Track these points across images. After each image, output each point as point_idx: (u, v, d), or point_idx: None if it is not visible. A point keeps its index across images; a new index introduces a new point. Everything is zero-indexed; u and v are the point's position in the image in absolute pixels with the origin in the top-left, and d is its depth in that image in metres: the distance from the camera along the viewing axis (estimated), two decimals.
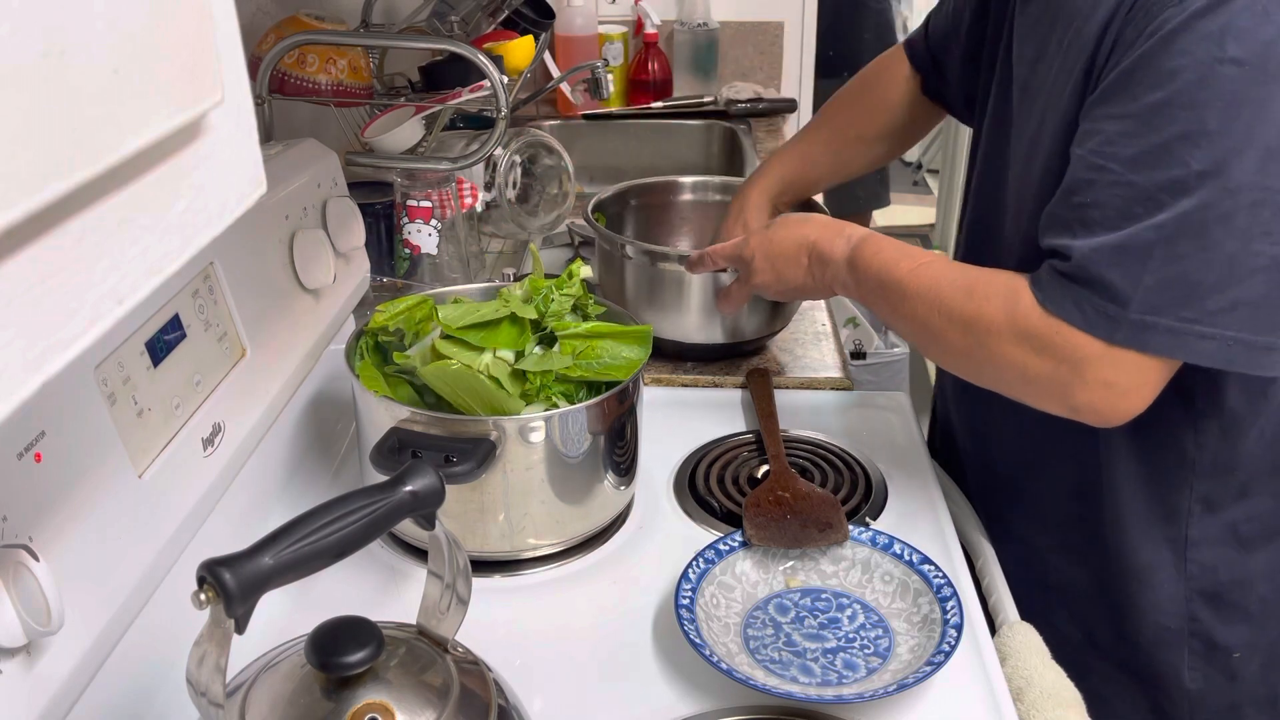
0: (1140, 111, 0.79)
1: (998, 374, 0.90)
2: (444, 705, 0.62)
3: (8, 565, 0.59)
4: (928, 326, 0.93)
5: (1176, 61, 0.77)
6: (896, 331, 1.03)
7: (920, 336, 0.96)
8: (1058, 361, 0.84)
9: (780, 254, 1.07)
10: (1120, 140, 0.80)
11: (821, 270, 1.03)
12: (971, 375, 0.95)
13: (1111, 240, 0.80)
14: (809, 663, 0.84)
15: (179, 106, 0.40)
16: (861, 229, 1.03)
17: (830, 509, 0.97)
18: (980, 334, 0.88)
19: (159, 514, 0.77)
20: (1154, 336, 0.80)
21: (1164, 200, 0.78)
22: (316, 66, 1.30)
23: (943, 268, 0.94)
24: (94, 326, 0.37)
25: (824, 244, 1.03)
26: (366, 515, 0.60)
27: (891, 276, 0.95)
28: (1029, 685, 0.85)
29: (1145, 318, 0.80)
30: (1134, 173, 0.79)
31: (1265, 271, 0.78)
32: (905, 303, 0.94)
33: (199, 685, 0.56)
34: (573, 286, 1.00)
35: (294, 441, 1.07)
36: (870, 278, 0.98)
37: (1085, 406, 0.85)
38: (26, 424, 0.64)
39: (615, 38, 2.41)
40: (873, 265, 0.97)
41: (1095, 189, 0.82)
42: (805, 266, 1.05)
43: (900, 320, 0.97)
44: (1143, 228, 0.79)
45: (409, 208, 1.32)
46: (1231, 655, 1.00)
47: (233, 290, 0.92)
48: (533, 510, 0.92)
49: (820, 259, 1.03)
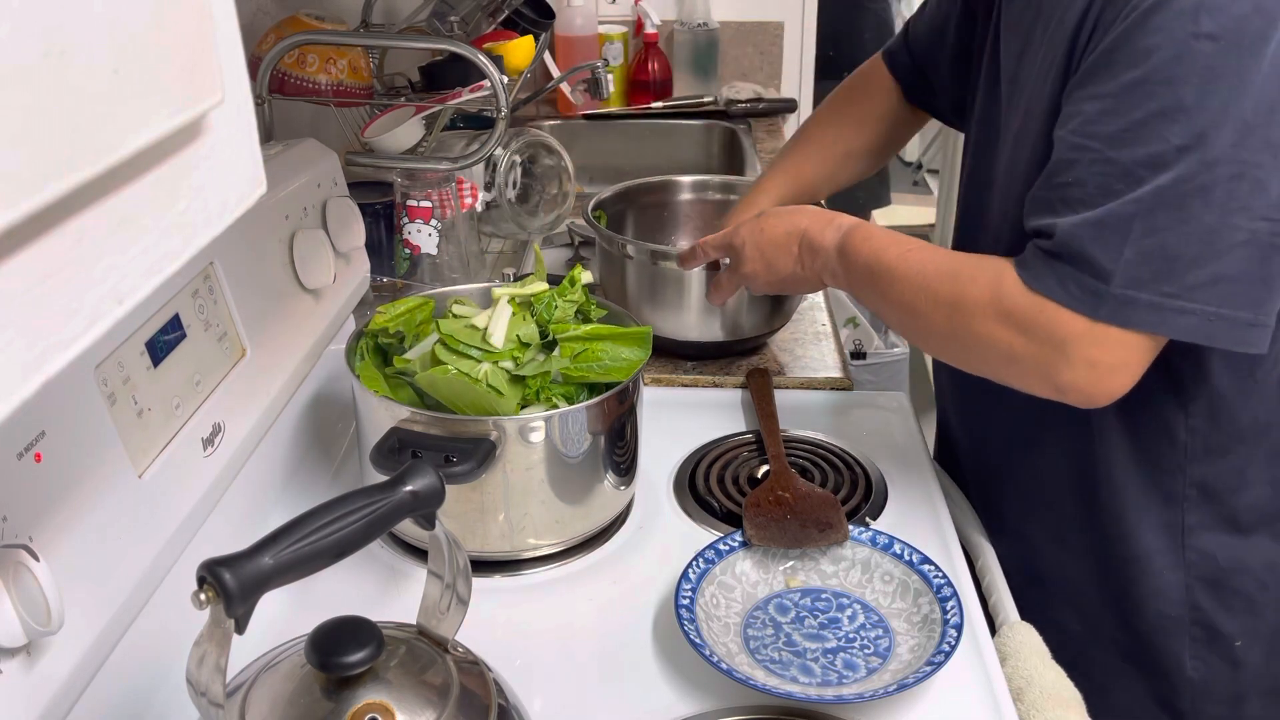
0: (1119, 90, 0.80)
1: (982, 356, 0.90)
2: (444, 705, 0.62)
3: (8, 565, 0.59)
4: (914, 310, 0.93)
5: (1152, 39, 0.78)
6: (883, 318, 1.03)
7: (906, 321, 0.96)
8: (1041, 341, 0.84)
9: (770, 242, 1.07)
10: (1100, 119, 0.81)
11: (811, 258, 1.03)
12: (957, 359, 0.95)
13: (1092, 217, 0.81)
14: (809, 663, 0.84)
15: (179, 107, 0.40)
16: (852, 218, 1.03)
17: (830, 509, 0.97)
18: (965, 315, 0.89)
19: (159, 514, 0.77)
20: (1135, 311, 0.80)
21: (1143, 175, 0.79)
22: (316, 66, 1.30)
23: (930, 253, 0.95)
24: (94, 326, 0.37)
25: (814, 232, 1.03)
26: (366, 515, 0.60)
27: (880, 262, 0.96)
28: (1029, 685, 0.85)
29: (1127, 292, 0.80)
30: (1114, 150, 0.80)
31: (1244, 246, 0.79)
32: (893, 288, 0.95)
33: (199, 685, 0.56)
34: (575, 293, 1.00)
35: (294, 441, 1.07)
36: (859, 264, 0.98)
37: (1070, 386, 0.85)
38: (26, 424, 0.64)
39: (615, 38, 2.41)
40: (862, 251, 0.98)
41: (1076, 168, 0.82)
42: (795, 255, 1.05)
43: (888, 306, 0.97)
44: (1122, 203, 0.80)
45: (409, 208, 1.32)
46: (1234, 644, 1.00)
47: (233, 290, 0.92)
48: (533, 510, 0.92)
49: (810, 247, 1.03)
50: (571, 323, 0.98)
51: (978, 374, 0.93)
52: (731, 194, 1.45)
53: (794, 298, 1.31)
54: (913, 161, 5.10)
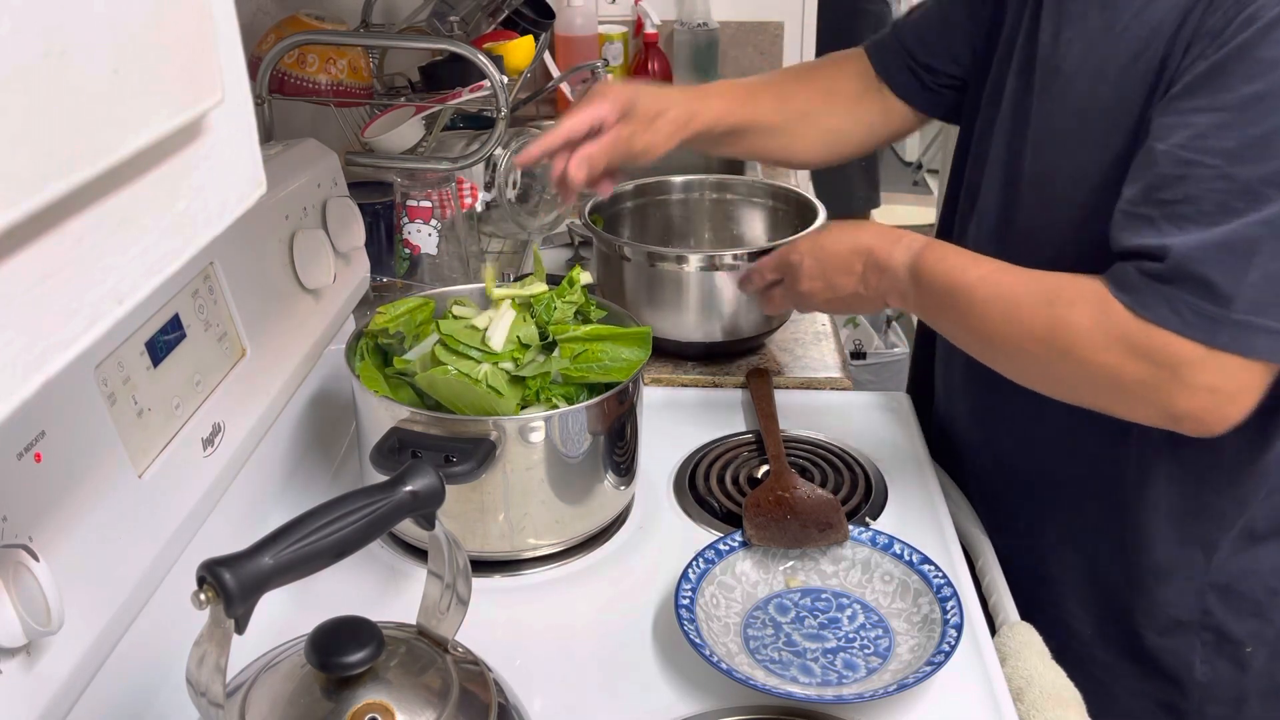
0: (1237, 103, 0.77)
1: (1087, 384, 0.86)
2: (444, 705, 0.62)
3: (8, 565, 0.59)
4: (1002, 336, 0.89)
5: (1275, 51, 0.76)
6: (958, 342, 0.96)
7: (991, 346, 0.91)
8: (1156, 367, 0.80)
9: (831, 259, 1.01)
10: (1215, 133, 0.78)
11: (877, 278, 0.98)
12: (1050, 386, 0.90)
13: (1212, 237, 0.77)
14: (809, 663, 0.84)
15: (179, 107, 0.40)
16: (920, 236, 0.98)
17: (830, 509, 0.97)
18: (1066, 343, 0.84)
19: (159, 514, 0.77)
20: (1258, 338, 0.77)
21: (1268, 194, 0.76)
22: (316, 66, 1.30)
23: (1014, 274, 0.90)
24: (94, 326, 0.37)
25: (881, 250, 0.98)
26: (366, 515, 0.60)
27: (959, 283, 0.91)
28: (1029, 685, 0.85)
29: (1248, 318, 0.77)
30: (1233, 166, 0.77)
31: None
32: (974, 312, 0.90)
33: (199, 685, 0.56)
34: (574, 294, 1.00)
35: (294, 441, 1.07)
36: (935, 286, 0.93)
37: (1187, 414, 0.81)
38: (26, 424, 0.64)
39: (615, 38, 2.41)
40: (938, 272, 0.93)
41: (1187, 184, 0.79)
42: (859, 274, 0.99)
43: (966, 330, 0.92)
44: (1246, 223, 0.76)
45: (409, 208, 1.32)
46: (1243, 648, 1.00)
47: (233, 290, 0.92)
48: (533, 510, 0.92)
49: (876, 266, 0.98)
50: (571, 323, 0.98)
51: (1077, 403, 0.89)
52: (727, 193, 1.45)
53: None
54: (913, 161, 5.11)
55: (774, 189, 1.43)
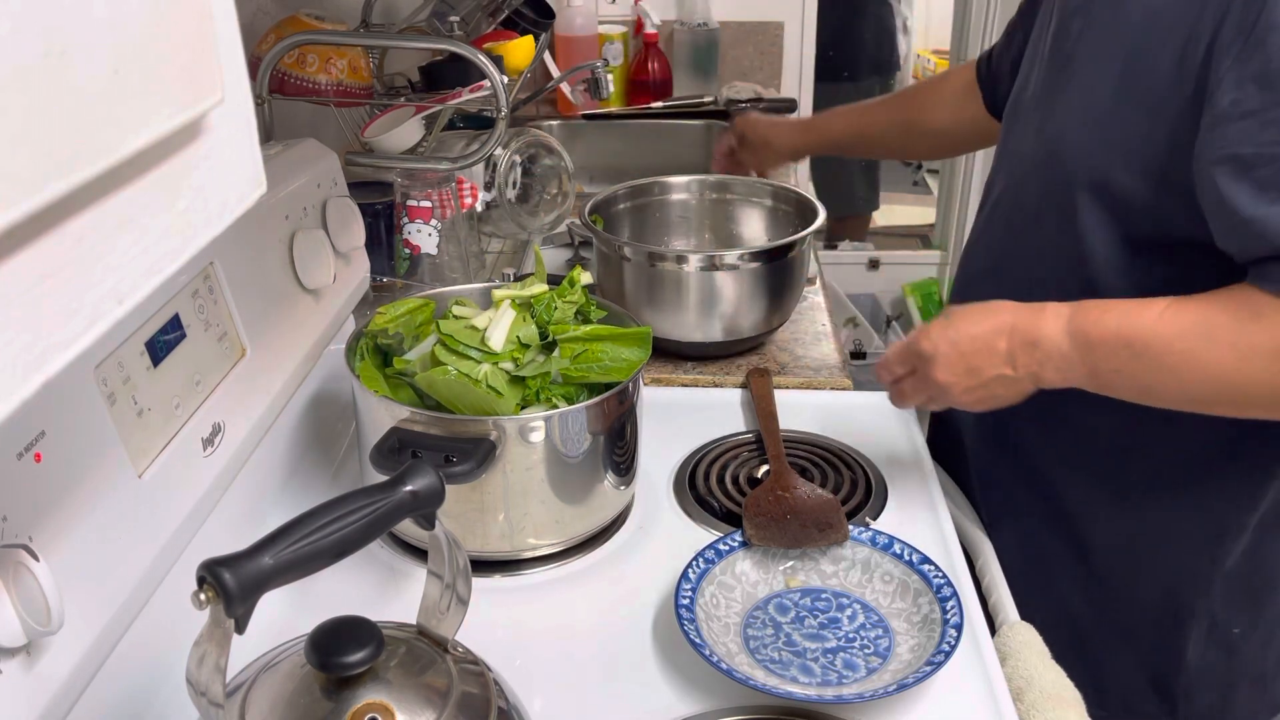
0: None
1: None
2: (444, 705, 0.62)
3: (8, 565, 0.59)
4: (1219, 374, 0.84)
5: None
6: (1153, 394, 0.89)
7: (1199, 385, 0.85)
8: None
9: (970, 343, 0.93)
10: None
11: (1028, 354, 0.90)
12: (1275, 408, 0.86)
13: None
14: (809, 663, 0.84)
15: (179, 107, 0.40)
16: (1052, 303, 0.92)
17: (830, 509, 0.97)
18: None
19: (159, 514, 0.77)
20: None
21: None
22: (316, 66, 1.30)
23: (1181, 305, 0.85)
24: (94, 326, 0.37)
25: (1025, 324, 0.91)
26: (366, 515, 0.60)
27: (1138, 329, 0.85)
28: (1029, 685, 0.85)
29: None
30: None
31: None
32: (1172, 352, 0.84)
33: (199, 685, 0.56)
34: (574, 294, 1.00)
35: (294, 441, 1.07)
36: (1108, 341, 0.87)
37: None
38: (26, 424, 0.64)
39: (615, 38, 2.41)
40: (1106, 325, 0.87)
41: None
42: (1004, 353, 0.91)
43: (1164, 374, 0.86)
44: None
45: (409, 208, 1.32)
46: (1231, 631, 1.01)
47: (233, 290, 0.92)
48: (533, 510, 0.92)
49: (1026, 341, 0.90)
50: (571, 323, 0.98)
51: None
52: (727, 193, 1.45)
53: (792, 295, 1.31)
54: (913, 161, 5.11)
55: (774, 189, 1.43)
